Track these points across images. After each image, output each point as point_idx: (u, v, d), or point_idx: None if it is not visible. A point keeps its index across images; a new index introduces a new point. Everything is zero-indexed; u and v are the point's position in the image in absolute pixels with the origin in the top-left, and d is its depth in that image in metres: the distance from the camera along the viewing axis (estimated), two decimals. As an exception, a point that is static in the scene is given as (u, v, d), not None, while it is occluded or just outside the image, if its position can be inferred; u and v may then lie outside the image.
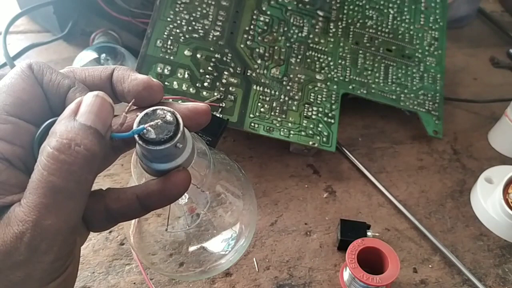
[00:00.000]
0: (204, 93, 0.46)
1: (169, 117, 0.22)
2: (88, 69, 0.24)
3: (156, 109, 0.22)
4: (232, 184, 0.32)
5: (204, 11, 0.48)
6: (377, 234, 0.43)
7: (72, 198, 0.20)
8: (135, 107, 0.24)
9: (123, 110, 0.23)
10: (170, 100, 0.34)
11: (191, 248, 0.31)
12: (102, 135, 0.21)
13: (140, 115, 0.22)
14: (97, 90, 0.23)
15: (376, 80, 0.52)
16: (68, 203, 0.20)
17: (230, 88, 0.46)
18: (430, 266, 0.42)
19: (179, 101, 0.44)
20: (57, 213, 0.20)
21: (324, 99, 0.49)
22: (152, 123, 0.22)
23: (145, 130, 0.21)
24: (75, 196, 0.20)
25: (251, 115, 0.46)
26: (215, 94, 0.46)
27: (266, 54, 0.49)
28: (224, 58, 0.47)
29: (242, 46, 0.48)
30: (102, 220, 0.23)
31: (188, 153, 0.23)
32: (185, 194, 0.24)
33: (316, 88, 0.49)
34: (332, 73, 0.51)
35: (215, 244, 0.32)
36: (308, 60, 0.50)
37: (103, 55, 0.51)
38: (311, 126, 0.48)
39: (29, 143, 0.22)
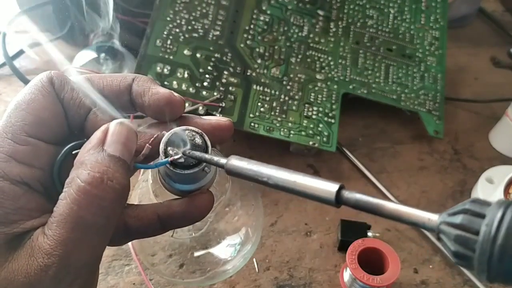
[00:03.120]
0: (204, 92, 0.45)
1: (198, 139, 0.22)
2: (106, 78, 0.23)
3: (184, 130, 0.22)
4: (239, 189, 0.31)
5: (204, 11, 0.48)
6: (377, 234, 0.43)
7: (100, 232, 0.19)
8: (155, 121, 0.24)
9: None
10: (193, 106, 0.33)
11: (196, 253, 0.31)
12: (129, 166, 0.20)
13: (167, 135, 0.21)
14: (115, 102, 0.23)
15: (377, 80, 0.52)
16: (96, 237, 0.19)
17: (230, 88, 0.46)
18: (430, 266, 0.42)
19: (199, 107, 0.44)
20: (85, 248, 0.19)
21: (324, 99, 0.49)
22: (176, 157, 0.21)
23: (172, 153, 0.21)
24: (103, 231, 0.20)
25: (251, 115, 0.46)
26: (215, 94, 0.45)
27: (266, 54, 0.49)
28: (224, 58, 0.47)
29: (242, 45, 0.48)
30: (120, 236, 0.23)
31: (212, 174, 0.23)
32: None
33: (316, 88, 0.49)
34: (333, 72, 0.50)
35: (221, 250, 0.31)
36: (308, 60, 0.50)
37: (103, 55, 0.51)
38: (311, 126, 0.47)
39: (48, 164, 0.21)
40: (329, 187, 0.18)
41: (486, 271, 0.15)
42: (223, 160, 0.21)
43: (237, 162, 0.20)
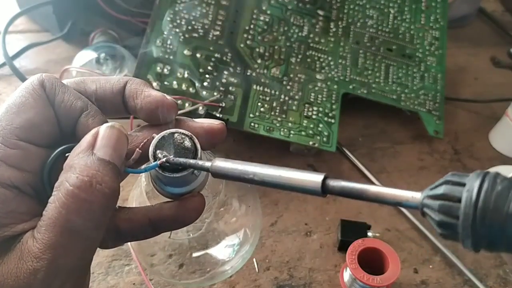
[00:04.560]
0: (204, 92, 0.45)
1: (187, 142, 0.21)
2: (99, 80, 0.23)
3: (174, 133, 0.22)
4: (237, 190, 0.31)
5: (204, 11, 0.48)
6: (377, 234, 0.43)
7: (89, 237, 0.19)
8: (146, 123, 0.24)
9: None
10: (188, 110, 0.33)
11: (195, 254, 0.31)
12: (119, 170, 0.20)
13: (157, 138, 0.21)
14: (108, 104, 0.22)
15: (377, 80, 0.52)
16: (85, 242, 0.19)
17: (230, 88, 0.46)
18: (430, 266, 0.42)
19: (199, 107, 0.44)
20: (74, 252, 0.19)
21: (324, 99, 0.49)
22: (164, 160, 0.21)
23: (161, 156, 0.21)
24: (92, 235, 0.19)
25: (251, 115, 0.46)
26: (215, 94, 0.45)
27: (266, 54, 0.49)
28: (224, 58, 0.47)
29: (242, 45, 0.48)
30: (112, 239, 0.23)
31: (203, 176, 0.23)
32: None
33: (316, 88, 0.49)
34: (333, 72, 0.50)
35: (220, 250, 0.31)
36: (308, 60, 0.50)
37: (103, 55, 0.51)
38: (311, 126, 0.47)
39: (38, 167, 0.21)
40: (314, 178, 0.19)
41: (471, 236, 0.15)
42: (207, 164, 0.21)
43: (222, 164, 0.20)
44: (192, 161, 0.21)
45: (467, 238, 0.15)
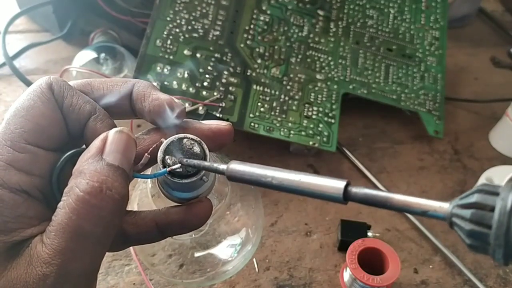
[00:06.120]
0: (204, 92, 0.45)
1: (196, 148, 0.21)
2: (106, 82, 0.23)
3: (182, 138, 0.21)
4: (239, 190, 0.31)
5: (204, 11, 0.48)
6: (377, 234, 0.43)
7: (99, 242, 0.19)
8: (153, 126, 0.24)
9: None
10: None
11: (196, 254, 0.31)
12: (128, 175, 0.20)
13: (165, 143, 0.21)
14: (115, 107, 0.22)
15: (377, 80, 0.52)
16: (95, 247, 0.19)
17: (230, 88, 0.46)
18: (430, 266, 0.42)
19: (199, 107, 0.44)
20: (83, 257, 0.19)
21: (324, 99, 0.49)
22: (174, 167, 0.21)
23: (169, 162, 0.21)
24: (102, 241, 0.19)
25: (251, 115, 0.46)
26: (215, 93, 0.45)
27: (266, 54, 0.49)
28: (224, 58, 0.47)
29: (242, 45, 0.48)
30: (118, 243, 0.23)
31: (210, 181, 0.23)
32: None
33: (316, 88, 0.49)
34: (333, 72, 0.50)
35: (221, 250, 0.31)
36: (308, 60, 0.50)
37: (103, 55, 0.51)
38: (311, 126, 0.47)
39: (47, 171, 0.21)
40: (336, 184, 0.18)
41: (504, 246, 0.14)
42: (223, 166, 0.20)
43: (238, 167, 0.20)
44: (206, 163, 0.21)
45: (499, 248, 0.15)
